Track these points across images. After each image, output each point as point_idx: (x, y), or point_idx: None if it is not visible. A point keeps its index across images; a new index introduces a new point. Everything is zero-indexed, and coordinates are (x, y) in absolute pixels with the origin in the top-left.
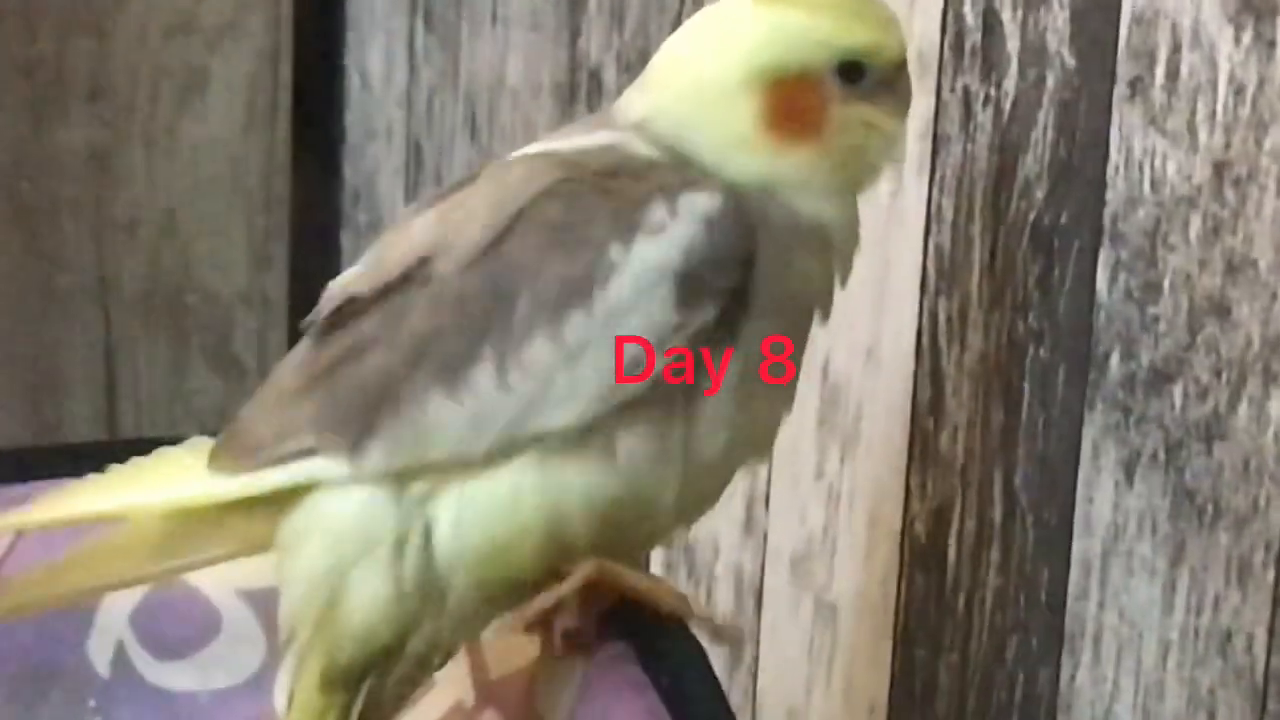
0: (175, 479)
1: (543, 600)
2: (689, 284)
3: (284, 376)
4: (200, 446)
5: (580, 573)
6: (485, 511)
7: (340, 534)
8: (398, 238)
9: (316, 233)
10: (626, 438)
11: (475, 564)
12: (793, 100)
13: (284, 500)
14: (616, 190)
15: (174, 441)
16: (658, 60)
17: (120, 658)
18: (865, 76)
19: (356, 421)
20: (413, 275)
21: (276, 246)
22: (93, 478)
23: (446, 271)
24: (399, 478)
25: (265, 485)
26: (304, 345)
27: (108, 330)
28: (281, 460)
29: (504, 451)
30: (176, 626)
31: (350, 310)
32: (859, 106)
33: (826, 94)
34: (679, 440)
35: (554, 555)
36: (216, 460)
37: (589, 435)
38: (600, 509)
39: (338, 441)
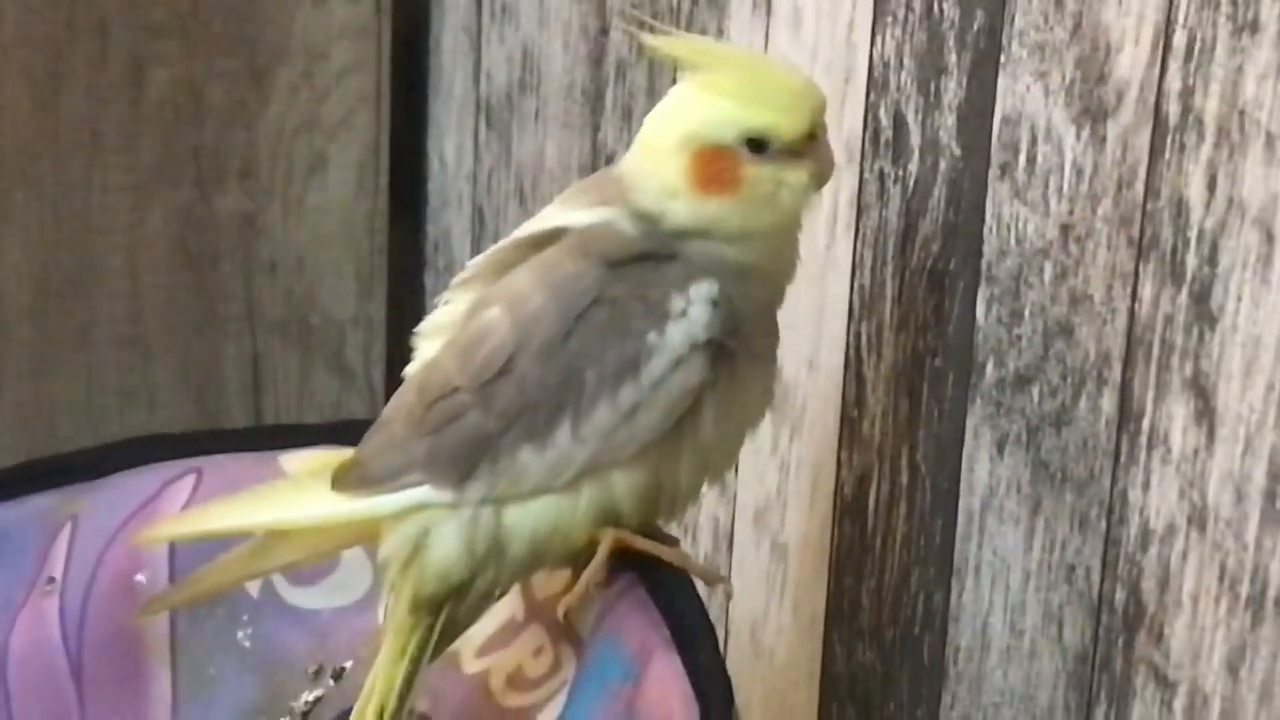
0: (309, 502)
1: (584, 580)
2: (709, 348)
3: (395, 429)
4: (316, 465)
5: (605, 546)
6: (546, 504)
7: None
8: (476, 331)
9: (406, 273)
10: (660, 446)
11: (531, 537)
12: (709, 164)
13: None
14: (644, 288)
15: (306, 428)
16: (642, 128)
17: (266, 584)
18: (769, 146)
19: (461, 467)
20: (502, 369)
21: (377, 284)
22: (241, 497)
23: (528, 364)
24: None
25: (386, 508)
26: (407, 401)
27: (254, 345)
28: (398, 489)
29: (575, 482)
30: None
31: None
32: (765, 169)
33: (737, 160)
34: (694, 437)
35: (595, 531)
36: (341, 485)
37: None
38: (638, 497)
39: (445, 481)
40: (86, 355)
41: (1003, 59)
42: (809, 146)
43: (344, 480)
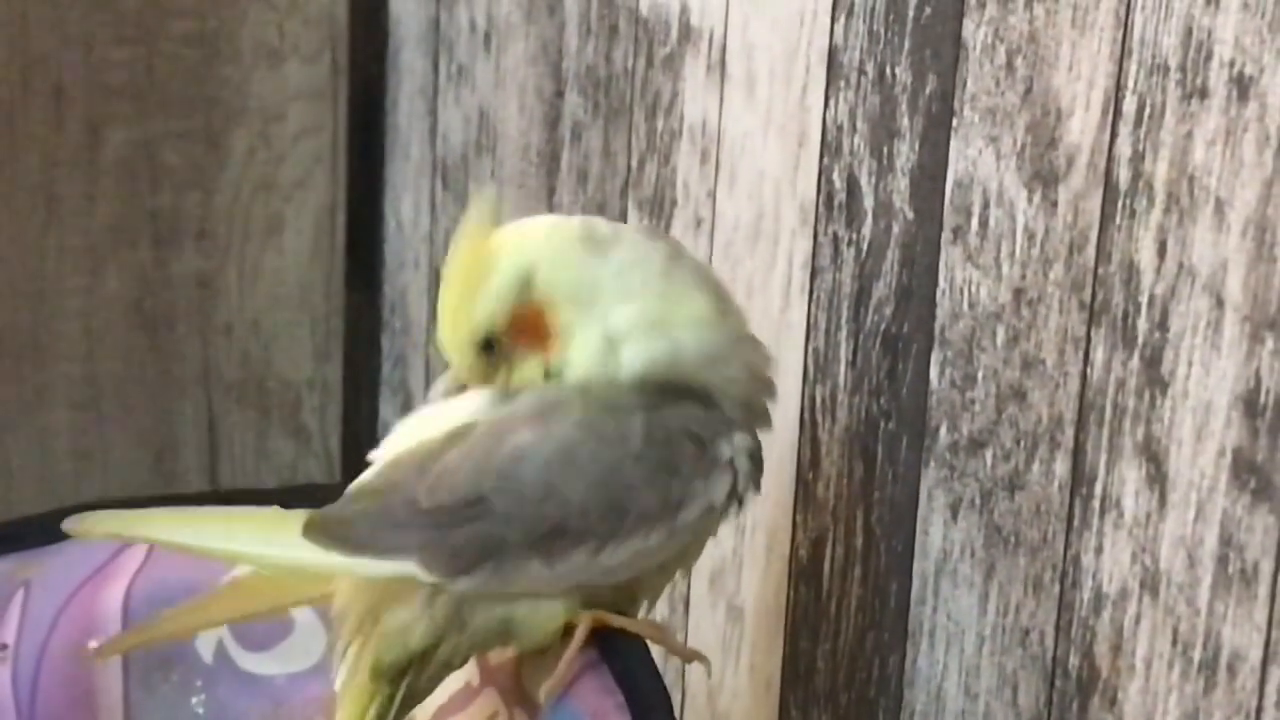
0: (277, 541)
1: (565, 662)
2: (739, 502)
3: (394, 504)
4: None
5: (584, 628)
6: (513, 597)
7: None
8: (513, 448)
9: (363, 335)
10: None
11: (503, 618)
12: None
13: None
14: (694, 425)
15: (261, 492)
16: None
17: (220, 650)
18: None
19: (461, 563)
20: (541, 487)
21: (334, 345)
22: (209, 512)
23: (571, 488)
24: None
25: (366, 571)
26: (407, 482)
27: (210, 408)
28: (382, 558)
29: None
30: (261, 627)
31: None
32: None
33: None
34: (684, 550)
35: (563, 622)
36: (313, 533)
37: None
38: (620, 592)
39: (437, 569)
40: (42, 417)
41: (955, 123)
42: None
43: (322, 533)
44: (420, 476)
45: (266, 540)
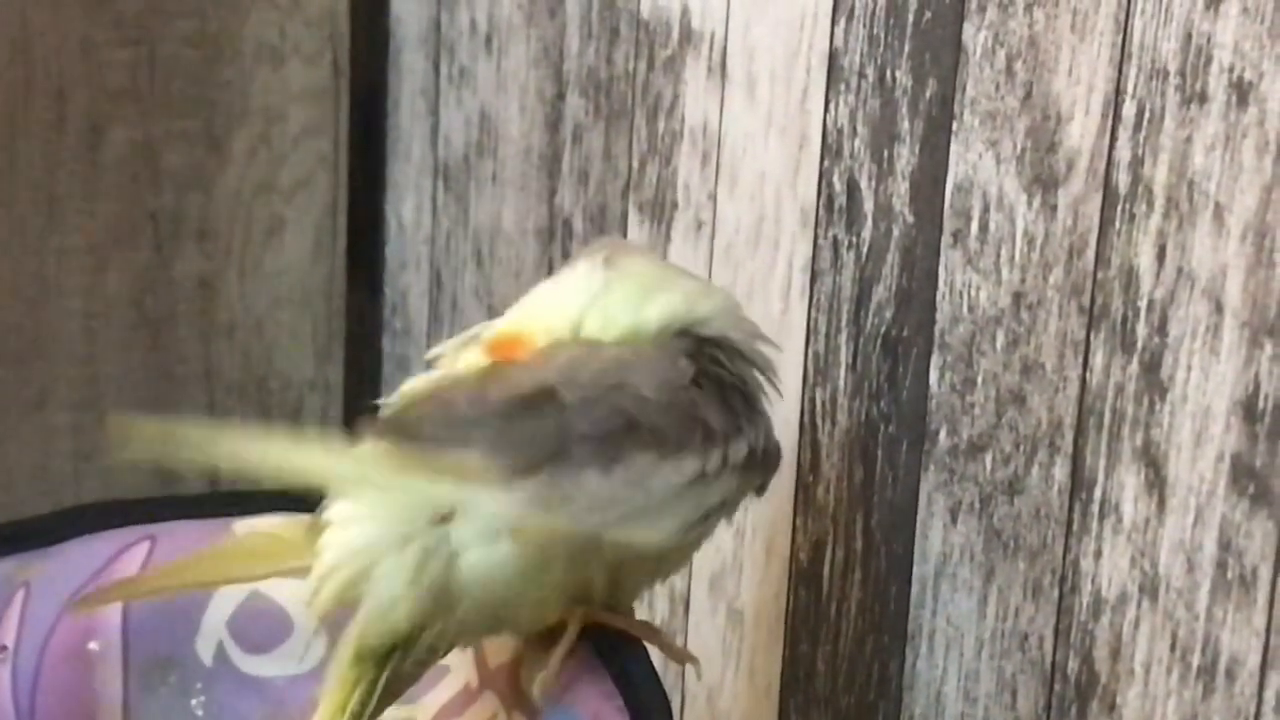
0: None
1: (557, 658)
2: (757, 470)
3: (458, 403)
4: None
5: (576, 625)
6: (505, 574)
7: (383, 522)
8: (572, 355)
9: (364, 336)
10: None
11: (484, 604)
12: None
13: None
14: (736, 381)
15: (263, 493)
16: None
17: (220, 652)
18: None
19: (523, 460)
20: (614, 385)
21: (335, 346)
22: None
23: (649, 388)
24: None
25: (438, 468)
26: (464, 390)
27: (212, 408)
28: (449, 450)
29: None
30: (261, 629)
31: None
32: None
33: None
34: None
35: (565, 609)
36: (387, 434)
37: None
38: (611, 579)
39: (503, 467)
40: (42, 418)
41: (955, 127)
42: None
43: (393, 434)
44: (480, 382)
45: (332, 457)
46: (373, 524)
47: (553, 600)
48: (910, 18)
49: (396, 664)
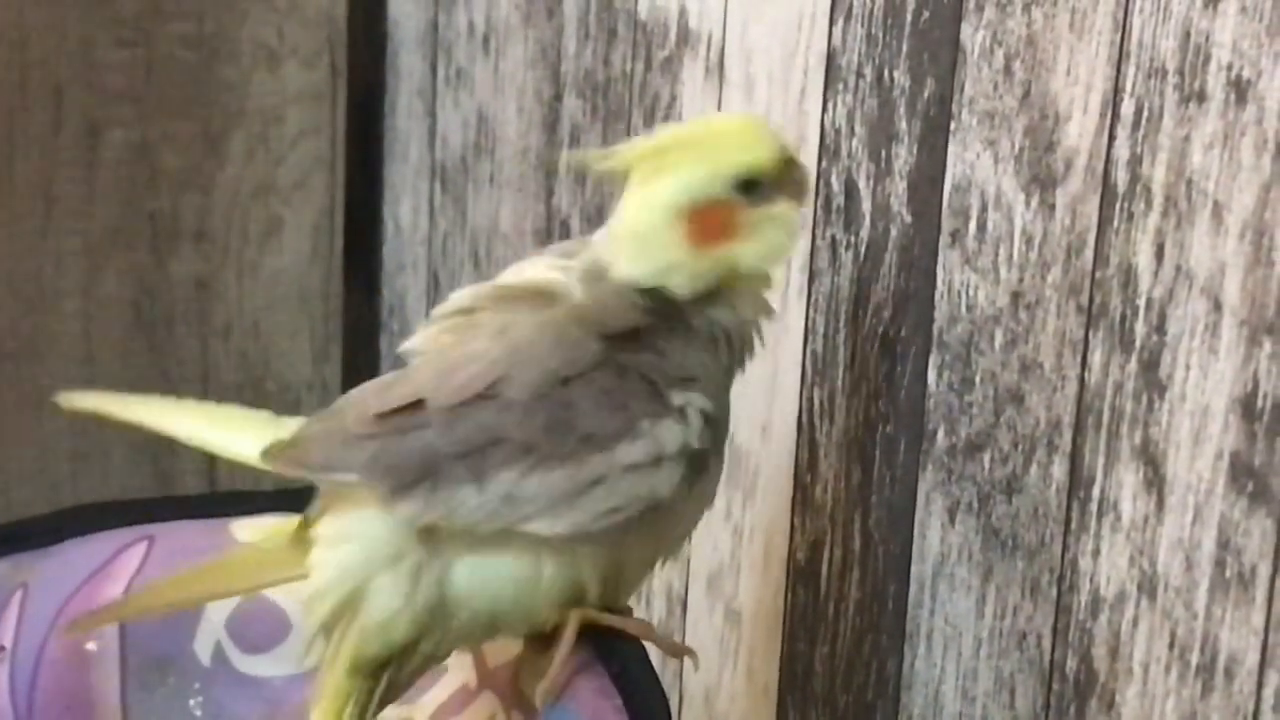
0: (248, 441)
1: (557, 662)
2: (688, 459)
3: (345, 422)
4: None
5: (574, 626)
6: (499, 581)
7: (373, 541)
8: (463, 354)
9: (362, 337)
10: (629, 538)
11: (489, 607)
12: (707, 221)
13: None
14: (648, 369)
15: (258, 494)
16: (616, 214)
17: (218, 652)
18: (758, 186)
19: (399, 478)
20: (482, 393)
21: (333, 347)
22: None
23: (515, 395)
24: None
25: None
26: (364, 399)
27: None
28: (331, 476)
29: (505, 536)
30: (259, 629)
31: (415, 399)
32: (758, 210)
33: (733, 208)
34: (661, 532)
35: (560, 610)
36: (272, 459)
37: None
38: (603, 577)
39: (380, 484)
40: (40, 420)
41: (953, 126)
42: (787, 175)
43: (277, 457)
44: (381, 391)
45: (239, 436)
46: (362, 542)
47: (547, 605)
48: (908, 17)
49: (392, 673)
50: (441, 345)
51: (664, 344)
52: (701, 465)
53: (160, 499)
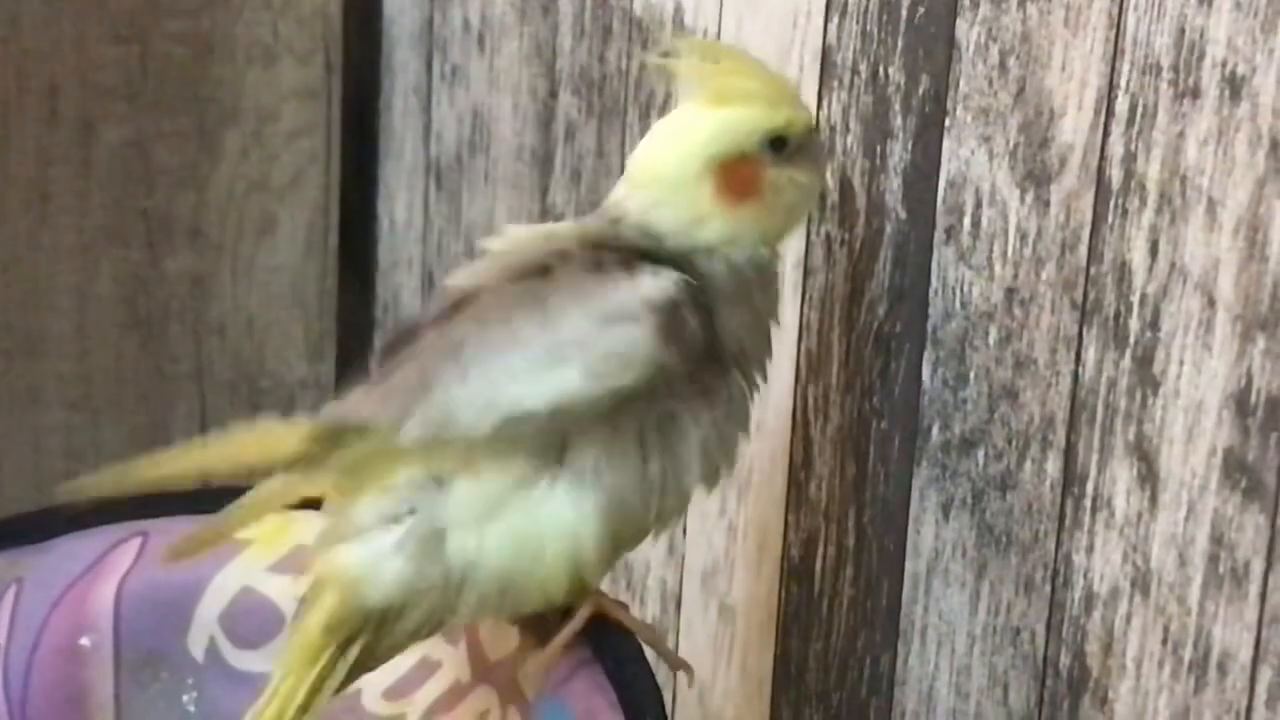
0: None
1: (557, 643)
2: (669, 325)
3: (359, 390)
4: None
5: (586, 611)
6: (498, 540)
7: (385, 491)
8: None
9: (356, 335)
10: (616, 474)
11: (499, 583)
12: (736, 174)
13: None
14: (623, 259)
15: (252, 488)
16: (635, 162)
17: (211, 648)
18: (786, 145)
19: (398, 407)
20: (459, 302)
21: (327, 345)
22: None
23: (490, 291)
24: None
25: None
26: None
27: (203, 406)
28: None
29: (505, 433)
30: (252, 624)
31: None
32: (784, 169)
33: (760, 164)
34: (664, 471)
35: (571, 596)
36: (315, 422)
37: (595, 470)
38: (604, 540)
39: (386, 421)
40: (34, 416)
41: (948, 123)
42: (810, 140)
43: (319, 422)
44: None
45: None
46: (356, 534)
47: (551, 573)
48: (903, 14)
49: (369, 642)
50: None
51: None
52: (680, 333)
53: (154, 495)
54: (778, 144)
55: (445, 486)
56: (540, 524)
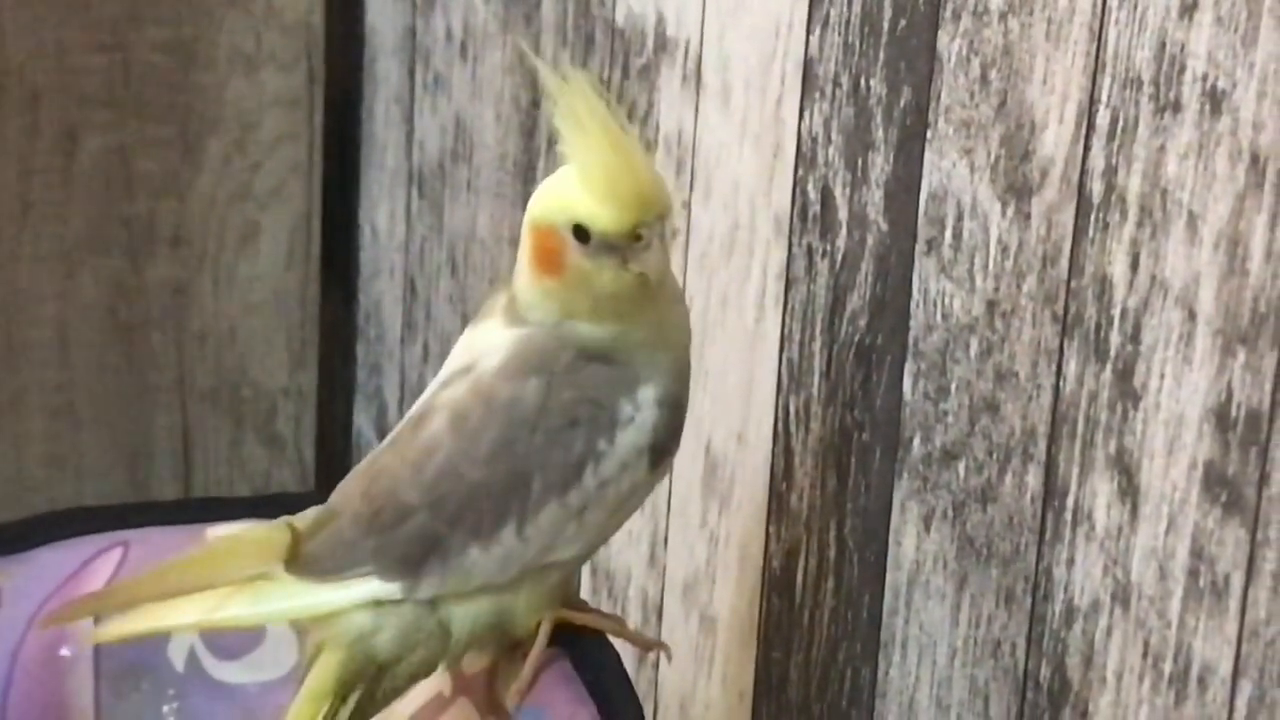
0: (259, 596)
1: (530, 665)
2: (653, 450)
3: (343, 526)
4: (253, 532)
5: (548, 626)
6: (488, 604)
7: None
8: (423, 440)
9: (338, 343)
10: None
11: (471, 629)
12: (544, 244)
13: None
14: (592, 392)
15: (234, 500)
16: None
17: (192, 658)
18: (591, 239)
19: (411, 564)
20: (448, 476)
21: (309, 353)
22: (183, 558)
23: (472, 470)
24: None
25: (338, 601)
26: (354, 499)
27: (185, 415)
28: (349, 578)
29: (523, 578)
30: (233, 636)
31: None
32: (583, 259)
33: (564, 244)
34: (631, 509)
35: (531, 626)
36: (294, 569)
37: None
38: (568, 580)
39: (394, 576)
40: (15, 424)
41: (929, 135)
42: (630, 246)
43: (295, 567)
44: (366, 493)
45: (247, 564)
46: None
47: (530, 613)
48: (885, 26)
49: (371, 685)
50: (401, 434)
51: (603, 364)
52: (665, 450)
53: (135, 504)
54: (580, 234)
55: None
56: (520, 596)
